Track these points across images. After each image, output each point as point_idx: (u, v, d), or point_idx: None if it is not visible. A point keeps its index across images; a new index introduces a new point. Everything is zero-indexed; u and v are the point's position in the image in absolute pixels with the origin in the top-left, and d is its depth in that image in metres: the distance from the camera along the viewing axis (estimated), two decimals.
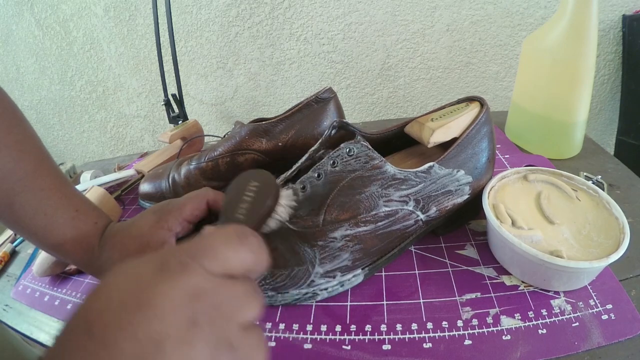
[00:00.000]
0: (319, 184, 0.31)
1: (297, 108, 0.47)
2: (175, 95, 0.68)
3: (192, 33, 0.86)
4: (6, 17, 0.91)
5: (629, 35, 0.73)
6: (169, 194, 0.48)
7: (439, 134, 0.33)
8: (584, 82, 0.44)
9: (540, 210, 0.33)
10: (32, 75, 0.99)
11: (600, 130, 0.87)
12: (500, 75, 0.83)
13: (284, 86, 0.91)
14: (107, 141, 1.09)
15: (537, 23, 0.75)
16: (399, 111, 0.92)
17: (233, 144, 0.47)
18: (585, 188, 0.34)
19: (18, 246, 0.50)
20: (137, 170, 0.57)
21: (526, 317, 0.29)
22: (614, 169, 0.46)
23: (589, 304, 0.29)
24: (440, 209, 0.33)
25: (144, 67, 0.93)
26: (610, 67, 0.79)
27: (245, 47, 0.86)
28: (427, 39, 0.80)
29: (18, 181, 0.29)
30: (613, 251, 0.28)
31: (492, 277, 0.33)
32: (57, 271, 0.41)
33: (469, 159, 0.33)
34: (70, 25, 0.90)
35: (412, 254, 0.36)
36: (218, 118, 0.99)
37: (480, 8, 0.75)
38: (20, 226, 0.30)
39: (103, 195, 0.48)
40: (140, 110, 1.01)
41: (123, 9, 0.85)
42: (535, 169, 0.37)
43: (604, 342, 0.27)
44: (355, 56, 0.84)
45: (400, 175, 0.31)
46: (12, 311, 0.40)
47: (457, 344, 0.28)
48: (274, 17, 0.81)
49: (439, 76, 0.85)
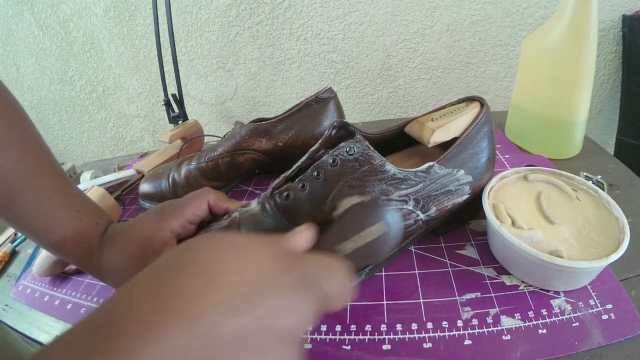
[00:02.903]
0: (318, 183, 0.31)
1: (297, 108, 0.47)
2: (175, 95, 0.68)
3: (192, 33, 0.86)
4: (6, 17, 0.91)
5: (629, 35, 0.73)
6: (169, 194, 0.48)
7: (439, 133, 0.33)
8: (584, 82, 0.44)
9: (541, 210, 0.33)
10: (32, 75, 0.99)
11: (600, 130, 0.87)
12: (500, 75, 0.83)
13: (284, 86, 0.91)
14: (107, 141, 1.09)
15: (537, 23, 0.75)
16: (399, 111, 0.92)
17: (233, 144, 0.47)
18: (586, 188, 0.34)
19: (18, 246, 0.50)
20: (137, 170, 0.57)
21: (526, 317, 0.29)
22: (614, 169, 0.46)
23: (589, 304, 0.29)
24: (440, 209, 0.33)
25: (144, 67, 0.93)
26: (610, 67, 0.79)
27: (245, 47, 0.86)
28: (427, 39, 0.80)
29: (19, 180, 0.29)
30: (613, 251, 0.28)
31: (492, 277, 0.33)
32: (57, 271, 0.41)
33: (469, 159, 0.33)
34: (70, 25, 0.90)
35: (412, 253, 0.36)
36: (218, 118, 0.99)
37: (480, 8, 0.75)
38: (20, 225, 0.30)
39: (103, 195, 0.48)
40: (140, 110, 1.01)
41: (123, 9, 0.85)
42: (535, 169, 0.37)
43: (604, 342, 0.27)
44: (355, 56, 0.84)
45: (400, 174, 0.31)
46: (12, 311, 0.40)
47: (457, 344, 0.28)
48: (274, 17, 0.81)
49: (439, 76, 0.85)
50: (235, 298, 0.14)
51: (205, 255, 0.16)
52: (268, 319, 0.15)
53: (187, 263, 0.15)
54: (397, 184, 0.31)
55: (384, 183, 0.30)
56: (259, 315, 0.14)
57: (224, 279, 0.15)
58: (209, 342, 0.13)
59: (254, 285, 0.15)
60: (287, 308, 0.15)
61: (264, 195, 0.34)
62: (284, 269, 0.16)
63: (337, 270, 0.19)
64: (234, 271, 0.15)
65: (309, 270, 0.18)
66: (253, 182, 0.53)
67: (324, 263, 0.19)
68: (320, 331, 0.30)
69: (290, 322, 0.15)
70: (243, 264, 0.16)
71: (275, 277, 0.16)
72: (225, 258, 0.16)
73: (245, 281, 0.15)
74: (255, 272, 0.15)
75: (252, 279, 0.15)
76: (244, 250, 0.16)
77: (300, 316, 0.16)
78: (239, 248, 0.16)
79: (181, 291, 0.14)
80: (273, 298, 0.15)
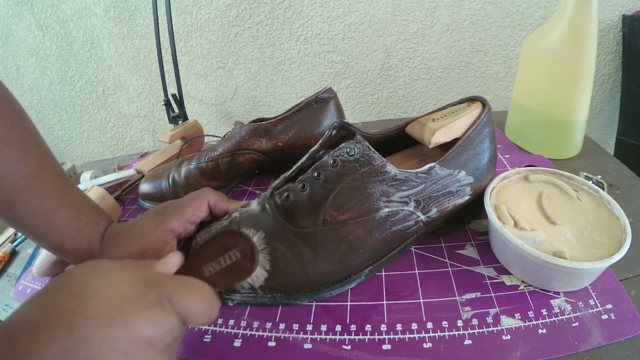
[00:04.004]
0: (319, 183, 0.31)
1: (297, 108, 0.47)
2: (175, 95, 0.68)
3: (192, 33, 0.86)
4: (6, 17, 0.91)
5: (629, 35, 0.73)
6: (169, 194, 0.48)
7: (440, 134, 0.33)
8: (584, 82, 0.44)
9: (542, 210, 0.33)
10: (32, 75, 0.99)
11: (600, 130, 0.87)
12: (500, 75, 0.83)
13: (284, 86, 0.91)
14: (107, 141, 1.08)
15: (537, 23, 0.75)
16: (399, 111, 0.92)
17: (233, 144, 0.47)
18: (586, 188, 0.34)
19: (18, 246, 0.50)
20: (137, 170, 0.57)
21: (526, 317, 0.29)
22: (614, 169, 0.46)
23: (589, 303, 0.29)
24: (441, 210, 0.33)
25: (144, 67, 0.93)
26: (610, 67, 0.79)
27: (245, 47, 0.86)
28: (427, 39, 0.80)
29: (19, 180, 0.29)
30: (615, 251, 0.28)
31: (492, 276, 0.33)
32: (57, 271, 0.41)
33: (470, 160, 0.33)
34: (70, 25, 0.90)
35: (412, 253, 0.36)
36: (218, 118, 0.99)
37: (480, 8, 0.75)
38: (20, 225, 0.30)
39: (103, 195, 0.48)
40: (140, 110, 1.01)
41: (123, 9, 0.85)
42: (536, 170, 0.37)
43: (604, 342, 0.27)
44: (355, 56, 0.84)
45: (401, 175, 0.31)
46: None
47: (457, 344, 0.28)
48: (274, 17, 0.81)
49: (439, 76, 0.85)
50: (102, 314, 0.18)
51: (82, 278, 0.20)
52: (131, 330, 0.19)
53: (67, 285, 0.20)
54: (398, 185, 0.31)
55: (385, 184, 0.30)
56: (123, 328, 0.18)
57: (92, 299, 0.19)
58: (87, 346, 0.17)
59: (115, 305, 0.19)
60: (144, 323, 0.19)
61: (264, 196, 0.34)
62: (139, 293, 0.20)
63: (195, 290, 0.23)
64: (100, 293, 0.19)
65: (165, 291, 0.21)
66: (253, 182, 0.53)
67: (184, 284, 0.23)
68: (320, 331, 0.30)
69: (149, 333, 0.19)
70: (107, 288, 0.20)
71: (131, 299, 0.20)
72: (95, 282, 0.20)
73: (109, 301, 0.19)
74: (116, 295, 0.20)
75: (113, 300, 0.19)
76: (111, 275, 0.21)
77: (158, 329, 0.20)
78: (108, 274, 0.21)
79: (61, 306, 0.18)
80: (131, 315, 0.19)
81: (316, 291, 0.32)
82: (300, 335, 0.30)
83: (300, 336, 0.30)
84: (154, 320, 0.20)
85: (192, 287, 0.23)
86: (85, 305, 0.18)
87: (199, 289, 0.23)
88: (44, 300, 0.19)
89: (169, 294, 0.21)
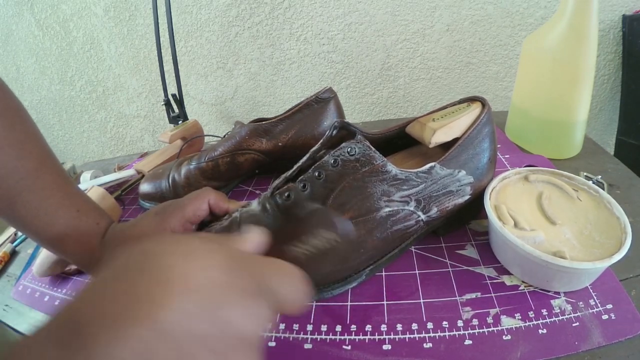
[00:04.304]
0: (319, 183, 0.31)
1: (297, 108, 0.47)
2: (175, 95, 0.68)
3: (192, 33, 0.86)
4: (6, 17, 0.91)
5: (629, 35, 0.73)
6: (169, 194, 0.48)
7: (440, 134, 0.33)
8: (584, 82, 0.44)
9: (542, 210, 0.33)
10: (32, 75, 0.99)
11: (600, 130, 0.87)
12: (500, 75, 0.83)
13: (284, 86, 0.91)
14: (107, 141, 1.08)
15: (537, 23, 0.75)
16: (399, 111, 0.92)
17: (233, 144, 0.47)
18: (586, 188, 0.34)
19: (18, 246, 0.50)
20: (137, 170, 0.57)
21: (526, 317, 0.29)
22: (614, 169, 0.46)
23: (589, 303, 0.29)
24: (441, 210, 0.33)
25: (144, 67, 0.93)
26: (610, 67, 0.79)
27: (245, 47, 0.86)
28: (427, 39, 0.80)
29: (20, 180, 0.29)
30: (615, 251, 0.28)
31: (492, 277, 0.33)
32: (57, 271, 0.41)
33: (470, 160, 0.33)
34: (70, 25, 0.90)
35: (413, 253, 0.36)
36: (218, 118, 0.99)
37: (480, 8, 0.75)
38: (21, 224, 0.30)
39: (103, 195, 0.48)
40: (140, 110, 1.01)
41: (123, 9, 0.85)
42: (536, 170, 0.37)
43: (604, 342, 0.27)
44: (355, 56, 0.84)
45: (401, 175, 0.31)
46: (12, 311, 0.40)
47: (458, 344, 0.28)
48: (274, 17, 0.81)
49: (439, 76, 0.85)
50: (192, 305, 0.15)
51: (165, 260, 0.16)
52: (225, 325, 0.16)
53: (147, 269, 0.16)
54: (399, 184, 0.31)
55: (386, 184, 0.30)
56: (216, 322, 0.15)
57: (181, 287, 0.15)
58: (172, 344, 0.14)
59: (207, 295, 0.16)
60: (240, 316, 0.16)
61: (264, 196, 0.34)
62: (233, 283, 0.17)
63: (289, 273, 0.19)
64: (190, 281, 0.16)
65: (260, 277, 0.18)
66: (253, 182, 0.53)
67: (275, 266, 0.19)
68: (320, 331, 0.30)
69: (246, 328, 0.16)
70: (198, 273, 0.16)
71: (226, 287, 0.16)
72: (182, 266, 0.16)
73: (200, 291, 0.16)
74: (208, 283, 0.16)
75: (205, 289, 0.16)
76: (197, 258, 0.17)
77: (255, 321, 0.17)
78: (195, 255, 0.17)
79: (144, 296, 0.15)
80: (225, 309, 0.16)
81: (316, 291, 0.32)
82: (301, 335, 0.30)
83: (300, 336, 0.30)
84: (252, 312, 0.17)
85: (287, 270, 0.20)
86: (172, 296, 0.15)
87: (293, 272, 0.20)
88: (119, 287, 0.15)
89: (265, 278, 0.18)
